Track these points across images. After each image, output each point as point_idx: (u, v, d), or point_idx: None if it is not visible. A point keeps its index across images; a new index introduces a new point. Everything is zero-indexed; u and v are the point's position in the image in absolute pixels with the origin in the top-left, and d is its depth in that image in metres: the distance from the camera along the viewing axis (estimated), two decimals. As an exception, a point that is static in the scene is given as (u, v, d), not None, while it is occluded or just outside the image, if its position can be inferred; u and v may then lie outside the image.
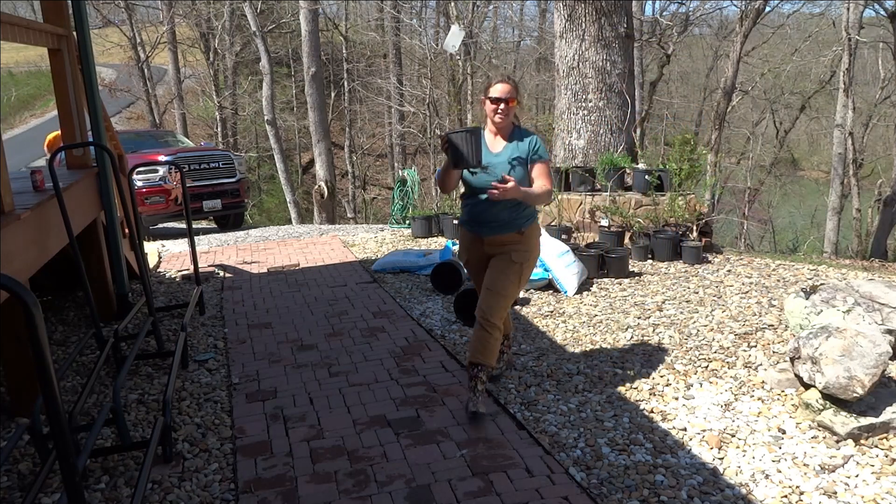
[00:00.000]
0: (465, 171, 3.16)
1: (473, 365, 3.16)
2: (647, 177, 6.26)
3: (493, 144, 3.21)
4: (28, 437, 3.02)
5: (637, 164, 6.79)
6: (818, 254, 12.60)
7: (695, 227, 6.05)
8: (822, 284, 3.99)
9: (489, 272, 3.22)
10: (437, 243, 7.18)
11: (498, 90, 3.14)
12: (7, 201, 3.16)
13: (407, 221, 8.43)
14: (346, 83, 25.13)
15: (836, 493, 2.52)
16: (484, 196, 3.13)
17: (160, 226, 10.34)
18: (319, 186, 14.74)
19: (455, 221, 6.81)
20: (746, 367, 3.59)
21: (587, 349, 4.00)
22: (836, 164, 15.63)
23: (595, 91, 6.89)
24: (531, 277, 5.10)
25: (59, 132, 9.25)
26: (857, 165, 16.35)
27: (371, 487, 2.63)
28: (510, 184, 2.94)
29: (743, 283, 5.09)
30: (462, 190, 3.35)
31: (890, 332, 3.34)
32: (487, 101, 3.16)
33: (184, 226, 10.19)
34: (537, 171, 3.19)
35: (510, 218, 3.18)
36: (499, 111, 3.15)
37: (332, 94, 24.68)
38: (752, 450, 2.83)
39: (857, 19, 14.78)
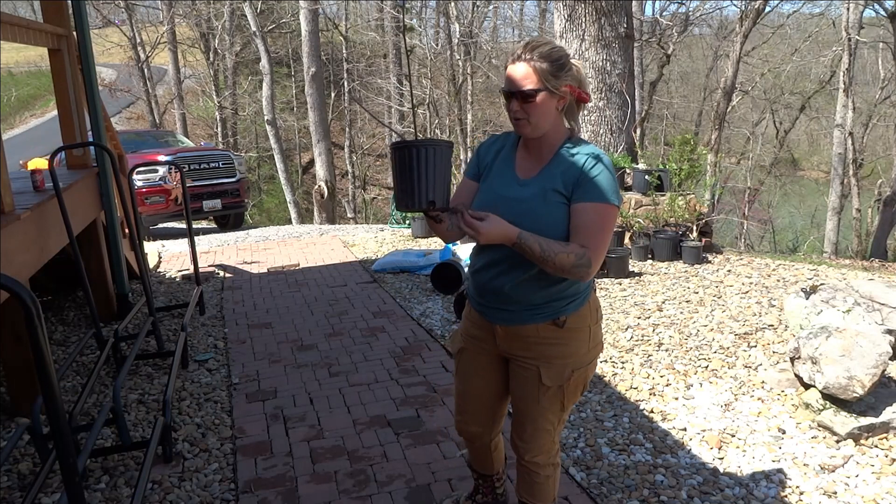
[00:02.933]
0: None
1: None
2: (647, 177, 6.26)
3: (525, 167, 1.86)
4: (28, 437, 3.02)
5: (637, 164, 6.80)
6: (818, 254, 12.60)
7: (695, 227, 6.05)
8: (822, 284, 3.99)
9: (515, 388, 1.99)
10: (437, 243, 7.18)
11: (508, 79, 1.77)
12: (7, 201, 3.16)
13: (407, 221, 8.43)
14: (346, 83, 25.14)
15: (836, 493, 2.52)
16: (496, 256, 1.85)
17: (160, 226, 10.34)
18: (319, 186, 14.74)
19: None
20: (746, 367, 3.59)
21: (587, 349, 3.99)
22: (836, 164, 15.64)
23: (595, 91, 6.89)
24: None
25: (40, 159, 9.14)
26: (857, 165, 16.35)
27: (371, 487, 2.63)
28: (484, 223, 1.65)
29: (743, 283, 5.09)
30: None
31: (890, 332, 3.34)
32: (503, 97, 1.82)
33: (184, 226, 10.20)
34: (580, 217, 1.75)
35: (541, 296, 1.83)
36: (515, 114, 1.77)
37: (332, 94, 24.70)
38: (752, 450, 2.83)
39: (857, 19, 14.79)
